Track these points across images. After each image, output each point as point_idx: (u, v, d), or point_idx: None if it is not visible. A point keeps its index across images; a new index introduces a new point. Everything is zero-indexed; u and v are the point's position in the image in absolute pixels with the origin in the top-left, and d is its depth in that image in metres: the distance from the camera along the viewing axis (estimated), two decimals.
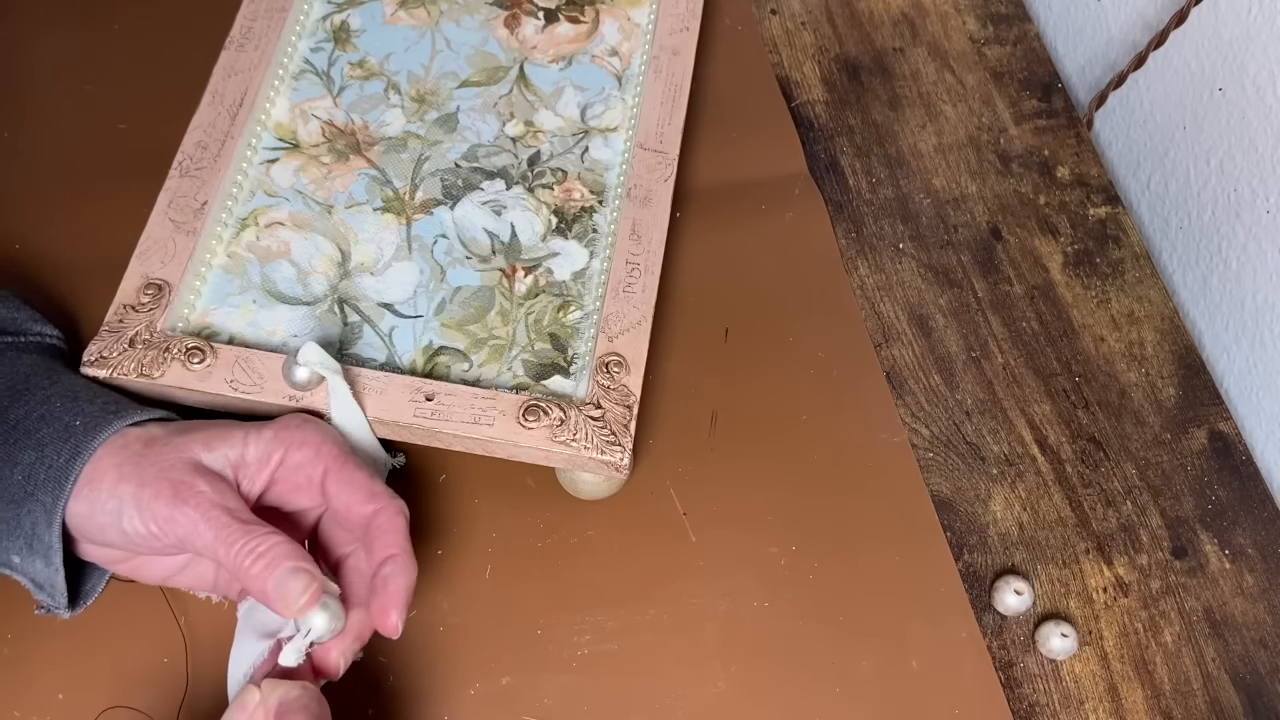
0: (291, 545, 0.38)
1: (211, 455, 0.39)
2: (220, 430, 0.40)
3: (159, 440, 0.39)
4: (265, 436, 0.40)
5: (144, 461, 0.38)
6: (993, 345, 0.56)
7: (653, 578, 0.47)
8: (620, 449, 0.44)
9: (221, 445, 0.39)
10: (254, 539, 0.37)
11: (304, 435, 0.41)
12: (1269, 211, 0.55)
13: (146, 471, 0.38)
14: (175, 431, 0.40)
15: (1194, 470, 0.53)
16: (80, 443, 0.38)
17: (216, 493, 0.38)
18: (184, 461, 0.38)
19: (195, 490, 0.38)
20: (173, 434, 0.40)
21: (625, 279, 0.49)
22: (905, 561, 0.49)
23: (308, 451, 0.40)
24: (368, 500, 0.40)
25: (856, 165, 0.60)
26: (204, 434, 0.40)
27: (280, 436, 0.40)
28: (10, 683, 0.43)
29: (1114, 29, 0.64)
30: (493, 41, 0.57)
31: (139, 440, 0.39)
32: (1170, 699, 0.48)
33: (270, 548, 0.37)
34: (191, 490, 0.38)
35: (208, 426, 0.40)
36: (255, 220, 0.50)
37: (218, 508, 0.37)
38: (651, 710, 0.45)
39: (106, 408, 0.40)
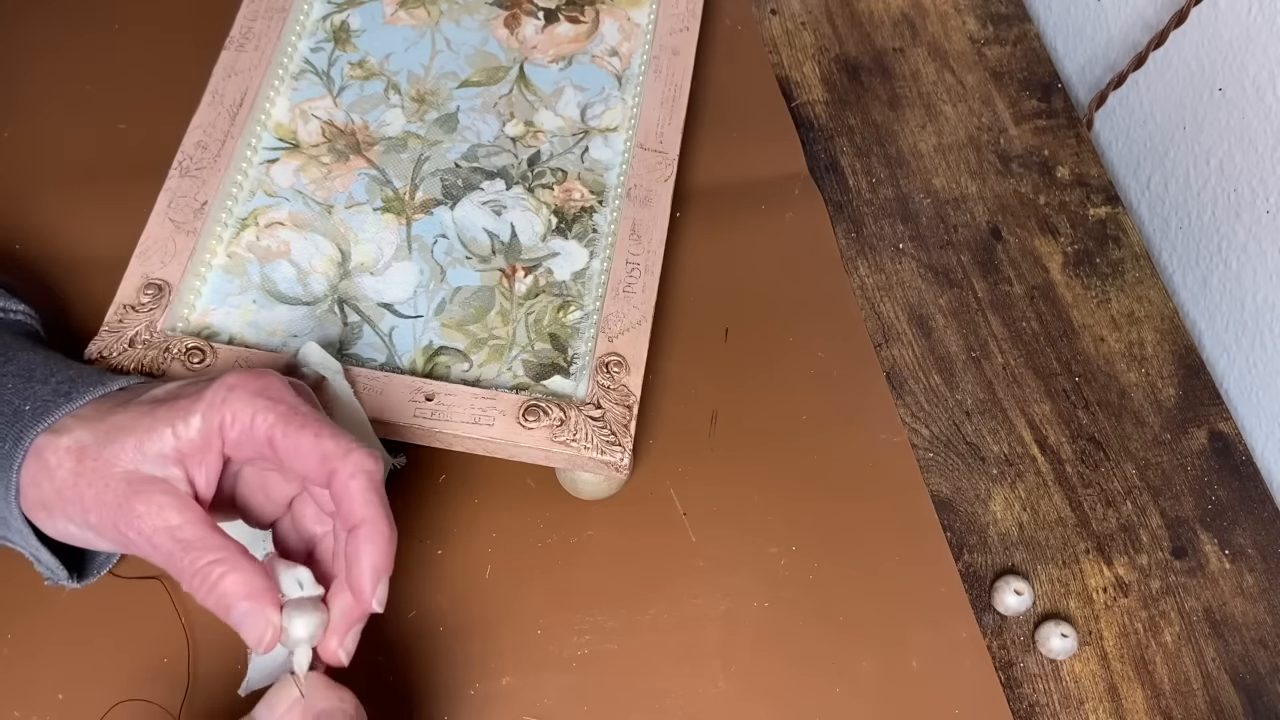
0: (241, 574, 0.35)
1: (146, 460, 0.36)
2: (148, 426, 0.36)
3: (89, 454, 0.36)
4: (193, 424, 0.36)
5: (79, 485, 0.36)
6: (993, 345, 0.56)
7: (653, 578, 0.47)
8: (620, 449, 0.44)
9: (153, 444, 0.36)
10: (202, 567, 0.35)
11: (232, 410, 0.36)
12: (1269, 211, 0.55)
13: (85, 501, 0.36)
14: (106, 437, 0.36)
15: (1194, 470, 0.53)
16: (24, 429, 0.36)
17: (156, 512, 0.35)
18: (117, 479, 0.36)
19: (134, 515, 0.35)
20: (103, 441, 0.36)
21: (625, 279, 0.49)
22: (905, 561, 0.49)
23: (240, 426, 0.36)
24: (320, 463, 0.36)
25: (856, 165, 0.60)
26: (134, 437, 0.36)
27: (208, 417, 0.36)
28: (10, 683, 0.43)
29: (1114, 29, 0.64)
30: (493, 41, 0.56)
31: (70, 456, 0.36)
32: (1170, 699, 0.48)
33: (220, 577, 0.35)
34: (130, 516, 0.35)
35: (136, 426, 0.36)
36: (255, 220, 0.50)
37: (161, 532, 0.35)
38: (651, 710, 0.45)
39: (59, 390, 0.38)
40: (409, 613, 0.46)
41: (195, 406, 0.36)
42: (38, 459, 0.36)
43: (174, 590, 0.45)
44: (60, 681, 0.43)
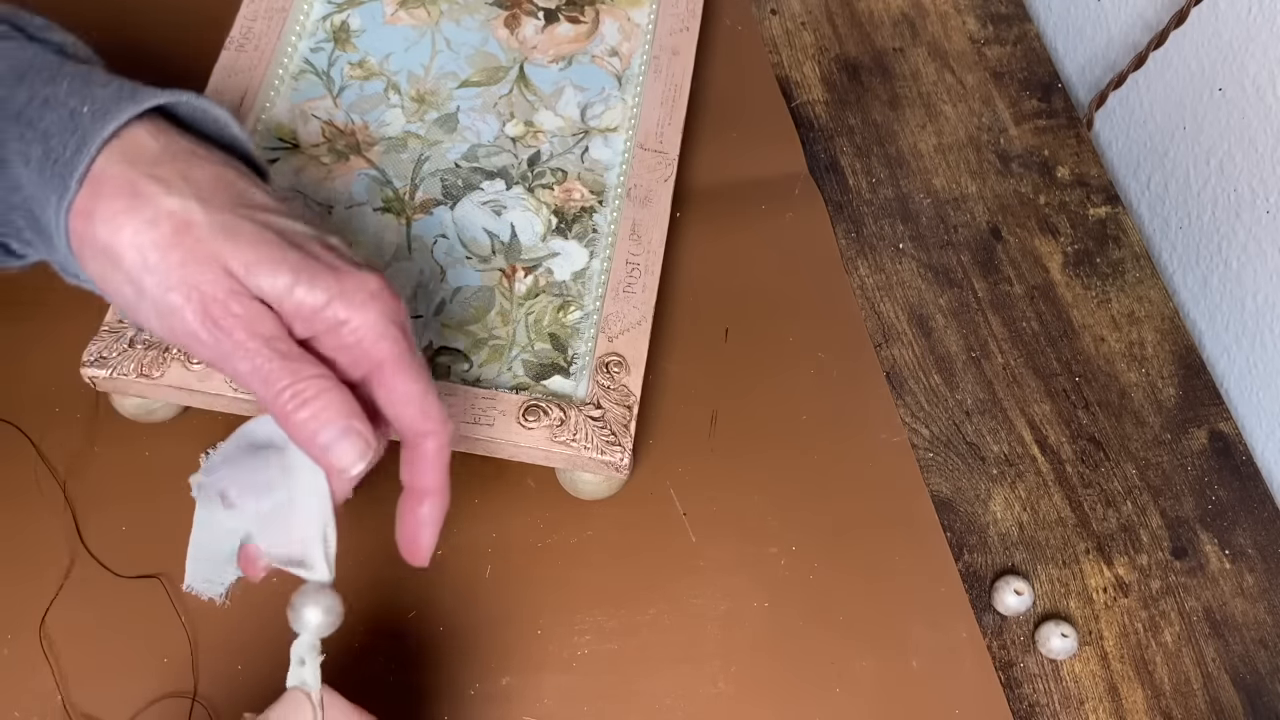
0: (341, 394, 0.33)
1: (249, 281, 0.33)
2: (268, 255, 0.33)
3: (194, 231, 0.32)
4: (316, 297, 0.33)
5: (169, 255, 0.32)
6: (993, 345, 0.56)
7: (653, 578, 0.47)
8: (620, 449, 0.44)
9: (266, 277, 0.33)
10: (300, 380, 0.32)
11: (363, 318, 0.33)
12: (1269, 211, 0.55)
13: (174, 271, 0.32)
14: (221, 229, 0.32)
15: (1194, 470, 0.53)
16: (86, 134, 0.33)
17: (256, 317, 0.32)
18: (219, 271, 0.32)
19: (231, 314, 0.32)
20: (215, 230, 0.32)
21: (625, 279, 0.49)
22: (905, 562, 0.49)
23: (358, 338, 0.34)
24: (418, 416, 0.34)
25: (856, 165, 0.60)
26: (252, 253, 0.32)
27: (334, 307, 0.33)
28: (10, 683, 0.43)
29: (1114, 29, 0.64)
30: (493, 41, 0.56)
31: (170, 221, 0.32)
32: (1170, 699, 0.48)
33: (318, 394, 0.32)
34: (228, 312, 0.32)
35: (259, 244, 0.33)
36: None
37: (256, 337, 0.32)
38: (651, 710, 0.45)
39: (121, 92, 0.34)
40: (409, 613, 0.46)
41: (328, 284, 0.33)
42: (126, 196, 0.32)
43: (174, 589, 0.45)
44: (60, 682, 0.43)
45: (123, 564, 0.45)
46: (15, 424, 0.48)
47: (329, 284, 0.33)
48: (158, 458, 0.48)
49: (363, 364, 0.34)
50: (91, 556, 0.45)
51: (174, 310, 0.32)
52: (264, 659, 0.44)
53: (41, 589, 0.45)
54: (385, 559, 0.46)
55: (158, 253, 0.32)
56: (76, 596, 0.45)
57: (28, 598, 0.44)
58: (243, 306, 0.32)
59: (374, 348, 0.34)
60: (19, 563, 0.45)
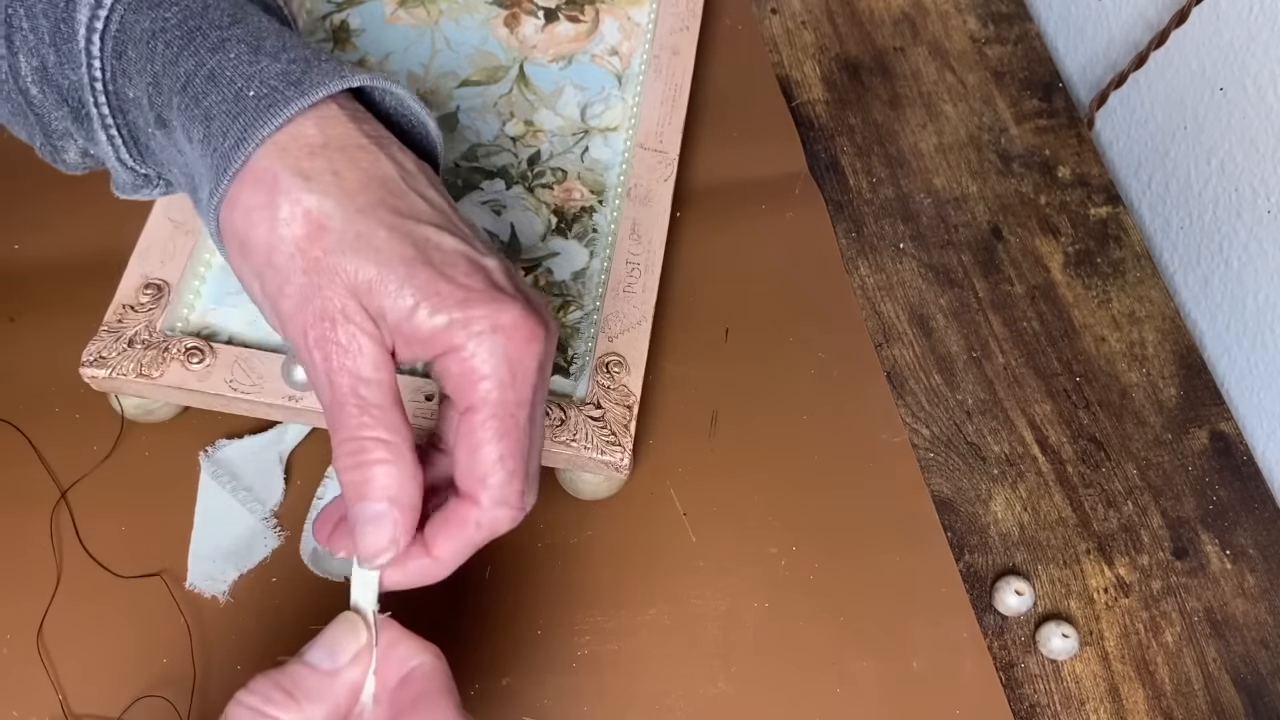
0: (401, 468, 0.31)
1: (370, 300, 0.31)
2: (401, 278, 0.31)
3: (325, 239, 0.30)
4: (436, 322, 0.31)
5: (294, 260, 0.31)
6: (993, 345, 0.55)
7: (653, 578, 0.47)
8: (620, 449, 0.44)
9: (384, 297, 0.31)
10: (365, 437, 0.30)
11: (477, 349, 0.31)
12: (1270, 211, 0.55)
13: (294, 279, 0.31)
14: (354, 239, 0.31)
15: (1195, 470, 0.53)
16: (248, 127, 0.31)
17: (355, 352, 0.31)
18: (338, 287, 0.30)
19: (331, 339, 0.30)
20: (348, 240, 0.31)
21: (625, 279, 0.49)
22: (906, 562, 0.49)
23: (470, 370, 0.31)
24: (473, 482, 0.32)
25: (857, 165, 0.60)
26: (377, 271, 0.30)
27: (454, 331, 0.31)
28: (10, 683, 0.43)
29: (1115, 28, 0.64)
30: (492, 41, 0.56)
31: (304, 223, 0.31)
32: (1171, 699, 0.48)
33: (377, 463, 0.31)
34: (327, 337, 0.31)
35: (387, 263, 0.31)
36: None
37: (346, 373, 0.31)
38: (651, 710, 0.45)
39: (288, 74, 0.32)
40: None
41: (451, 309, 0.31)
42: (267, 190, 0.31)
43: (174, 589, 0.45)
44: (59, 682, 0.43)
45: (122, 564, 0.45)
46: (15, 424, 0.48)
47: (451, 308, 0.31)
48: (157, 458, 0.48)
49: (461, 402, 0.32)
50: (90, 557, 0.45)
51: (285, 316, 0.31)
52: (264, 659, 0.44)
53: (40, 589, 0.45)
54: None
55: (284, 254, 0.31)
56: (75, 597, 0.45)
57: (27, 598, 0.44)
58: (347, 335, 0.31)
59: (472, 388, 0.31)
60: (18, 563, 0.45)
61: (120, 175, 0.37)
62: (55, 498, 0.46)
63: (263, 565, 0.46)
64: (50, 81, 0.35)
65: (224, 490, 0.47)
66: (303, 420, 0.46)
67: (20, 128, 0.38)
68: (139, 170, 0.37)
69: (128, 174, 0.37)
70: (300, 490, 0.48)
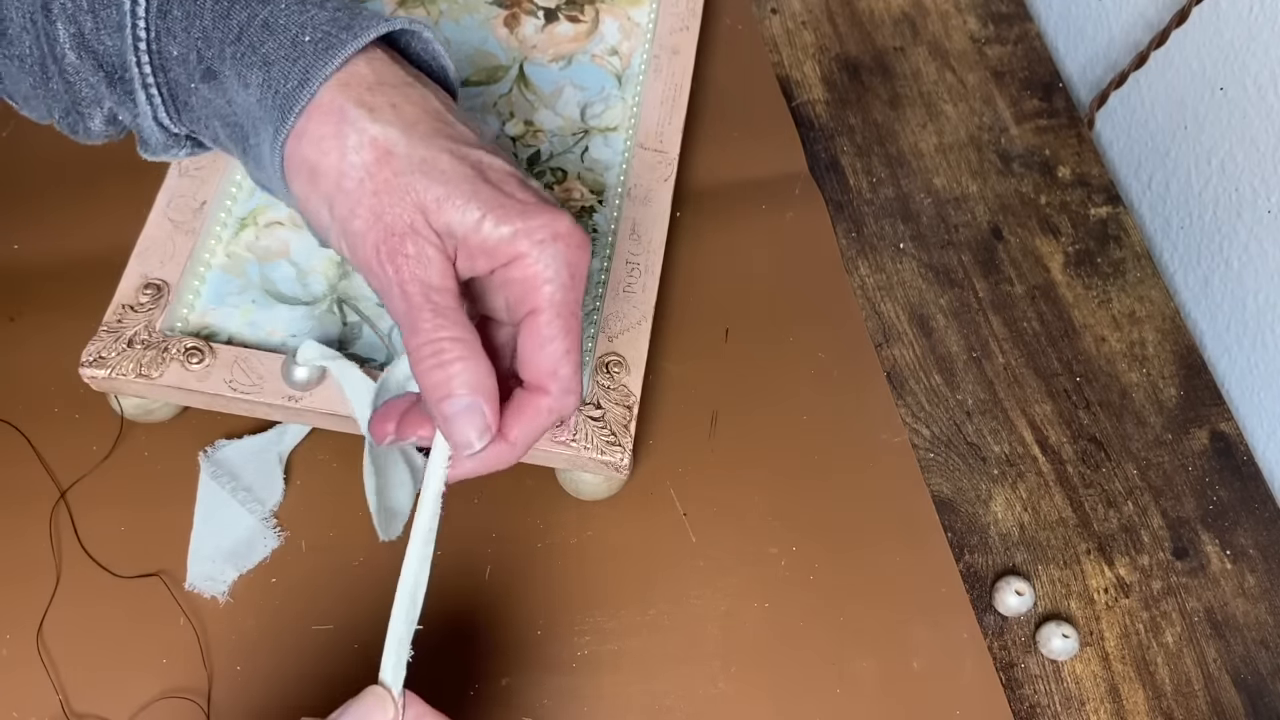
0: (478, 363, 0.34)
1: (438, 216, 0.34)
2: (460, 190, 0.34)
3: (393, 162, 0.33)
4: (501, 233, 0.34)
5: (363, 184, 0.33)
6: (994, 345, 0.55)
7: (653, 578, 0.47)
8: (620, 449, 0.44)
9: (453, 212, 0.33)
10: (441, 338, 0.33)
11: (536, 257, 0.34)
12: (1270, 211, 0.55)
13: (365, 200, 0.33)
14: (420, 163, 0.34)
15: (1195, 471, 0.53)
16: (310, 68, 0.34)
17: (424, 262, 0.33)
18: (408, 205, 0.33)
19: (401, 251, 0.33)
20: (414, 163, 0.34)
21: (625, 279, 0.49)
22: (906, 562, 0.49)
23: (531, 276, 0.34)
24: (544, 375, 0.35)
25: (857, 165, 0.60)
26: (444, 189, 0.33)
27: (517, 242, 0.34)
28: (9, 683, 0.43)
29: (1115, 28, 0.64)
30: (492, 41, 0.56)
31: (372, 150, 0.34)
32: (1171, 700, 0.48)
33: (458, 359, 0.33)
34: (397, 250, 0.33)
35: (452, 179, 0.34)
36: (254, 220, 0.49)
37: (417, 282, 0.33)
38: (651, 710, 0.45)
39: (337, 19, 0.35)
40: None
41: (514, 220, 0.34)
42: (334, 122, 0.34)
43: (174, 589, 0.45)
44: (60, 682, 0.43)
45: (121, 564, 0.45)
46: (15, 424, 0.48)
47: (515, 219, 0.34)
48: (157, 458, 0.48)
49: (523, 305, 0.35)
50: (90, 557, 0.45)
51: (356, 235, 0.34)
52: (264, 659, 0.44)
53: (40, 589, 0.45)
54: (384, 561, 0.46)
55: (354, 179, 0.33)
56: (75, 597, 0.45)
57: (27, 598, 0.44)
58: (416, 247, 0.33)
59: (537, 291, 0.34)
60: (18, 563, 0.45)
61: (154, 136, 0.38)
62: (55, 498, 0.46)
63: (263, 565, 0.46)
64: (87, 47, 0.36)
65: (224, 490, 0.47)
66: (303, 420, 0.46)
67: (40, 100, 0.39)
68: (172, 130, 0.38)
69: (161, 134, 0.38)
70: (300, 490, 0.48)
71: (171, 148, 0.39)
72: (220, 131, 0.37)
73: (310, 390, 0.44)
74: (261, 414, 0.45)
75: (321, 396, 0.44)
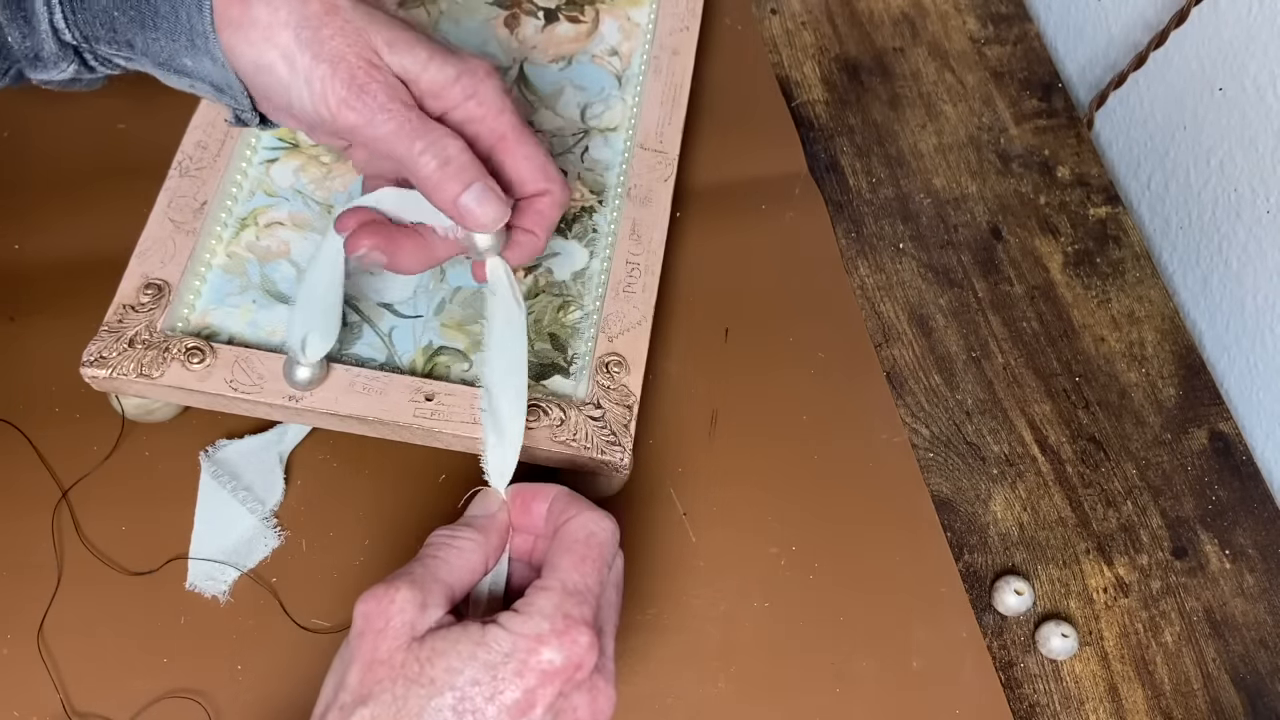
0: (474, 157, 0.38)
1: (391, 56, 0.38)
2: (404, 35, 0.38)
3: (342, 11, 0.37)
4: (448, 72, 0.38)
5: (323, 29, 0.37)
6: (993, 345, 0.56)
7: (653, 578, 0.47)
8: (620, 449, 0.44)
9: (404, 53, 0.38)
10: (438, 140, 0.37)
11: (487, 91, 0.39)
12: (1269, 211, 0.55)
13: (326, 44, 0.36)
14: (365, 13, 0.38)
15: (1194, 470, 0.53)
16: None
17: (394, 86, 0.37)
18: (365, 44, 0.37)
19: (376, 80, 0.37)
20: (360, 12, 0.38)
21: (625, 279, 0.49)
22: (905, 561, 0.49)
23: (484, 110, 0.39)
24: (540, 178, 0.40)
25: (857, 165, 0.60)
26: (391, 34, 0.38)
27: (463, 81, 0.38)
28: (9, 683, 0.43)
29: (1114, 29, 0.64)
30: (493, 41, 0.56)
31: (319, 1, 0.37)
32: (1171, 699, 0.48)
33: (457, 154, 0.37)
34: (372, 78, 0.37)
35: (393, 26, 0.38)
36: (255, 220, 0.49)
37: (397, 101, 0.37)
38: (651, 710, 0.45)
39: None
40: None
41: (455, 62, 0.38)
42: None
43: (174, 589, 0.45)
44: (60, 682, 0.43)
45: (122, 564, 0.45)
46: (15, 424, 0.48)
47: (456, 62, 0.38)
48: (158, 458, 0.48)
49: (487, 136, 0.40)
50: (92, 555, 0.45)
51: (324, 79, 0.37)
52: (264, 659, 0.44)
53: (41, 589, 0.45)
54: (384, 561, 0.46)
55: (309, 28, 0.36)
56: (76, 596, 0.45)
57: (27, 598, 0.44)
58: (384, 75, 0.37)
59: (498, 119, 0.39)
60: (18, 563, 0.45)
61: (48, 44, 0.38)
62: (56, 498, 0.46)
63: (263, 565, 0.46)
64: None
65: (224, 490, 0.47)
66: (303, 420, 0.46)
67: None
68: (64, 36, 0.38)
69: (54, 43, 0.38)
70: (300, 490, 0.48)
71: (60, 61, 0.39)
72: (121, 20, 0.38)
73: (311, 390, 0.44)
74: (262, 414, 0.45)
75: (322, 396, 0.44)
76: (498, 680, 0.33)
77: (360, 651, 0.33)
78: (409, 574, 0.35)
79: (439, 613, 0.34)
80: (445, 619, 0.34)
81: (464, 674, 0.33)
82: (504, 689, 0.33)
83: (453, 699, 0.32)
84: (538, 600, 0.34)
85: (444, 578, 0.35)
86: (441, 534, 0.37)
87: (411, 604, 0.34)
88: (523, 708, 0.33)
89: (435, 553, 0.36)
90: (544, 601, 0.34)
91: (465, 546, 0.37)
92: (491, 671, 0.33)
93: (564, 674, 0.33)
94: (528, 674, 0.33)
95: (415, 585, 0.34)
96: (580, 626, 0.34)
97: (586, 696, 0.34)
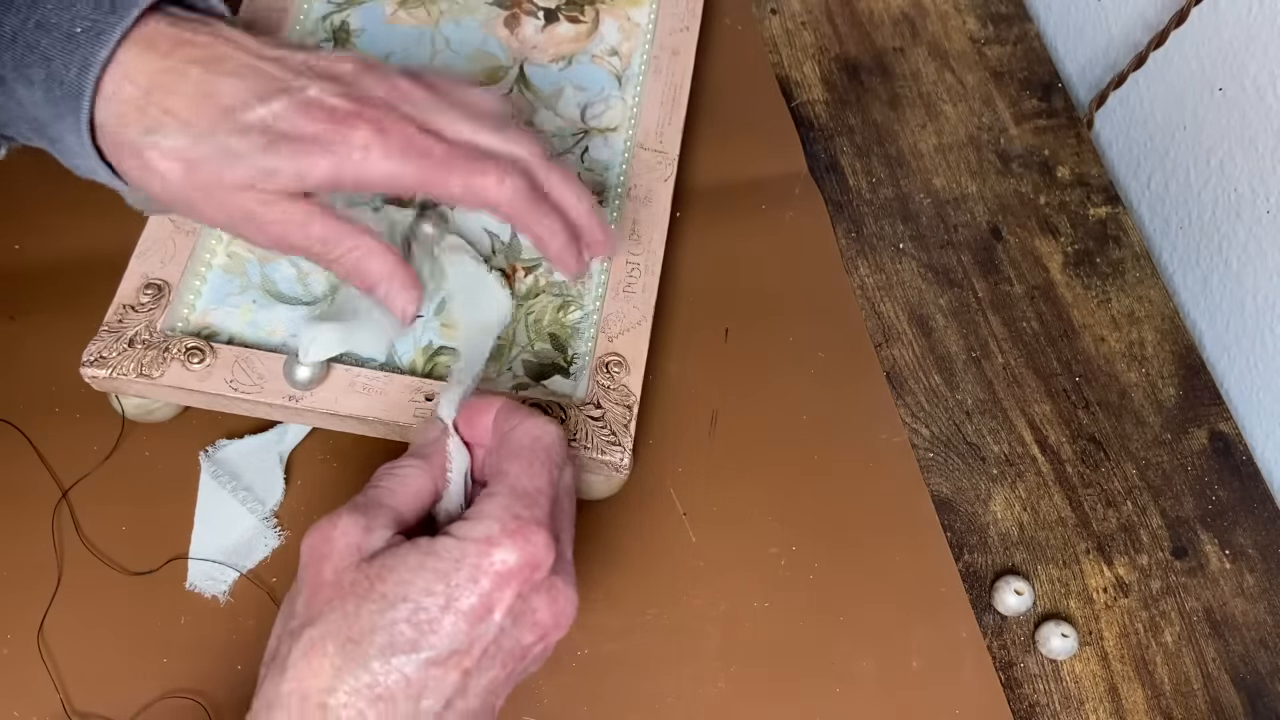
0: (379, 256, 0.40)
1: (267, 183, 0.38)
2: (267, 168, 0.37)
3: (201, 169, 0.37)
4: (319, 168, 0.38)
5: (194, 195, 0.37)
6: (993, 345, 0.56)
7: (653, 578, 0.47)
8: (620, 449, 0.44)
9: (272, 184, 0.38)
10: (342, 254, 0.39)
11: None
12: (1269, 211, 0.55)
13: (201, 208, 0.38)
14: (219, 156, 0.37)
15: (1194, 470, 0.53)
16: (88, 54, 0.36)
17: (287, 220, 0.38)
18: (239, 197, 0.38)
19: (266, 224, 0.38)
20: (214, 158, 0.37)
21: (625, 279, 0.49)
22: (905, 561, 0.49)
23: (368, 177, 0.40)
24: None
25: (856, 165, 0.60)
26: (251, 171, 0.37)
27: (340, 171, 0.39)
28: (10, 683, 0.43)
29: (1114, 29, 0.64)
30: (493, 41, 0.56)
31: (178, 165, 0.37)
32: (1170, 699, 0.48)
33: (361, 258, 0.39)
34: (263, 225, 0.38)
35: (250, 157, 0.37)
36: None
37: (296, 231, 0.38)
38: (651, 710, 0.45)
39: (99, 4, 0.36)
40: None
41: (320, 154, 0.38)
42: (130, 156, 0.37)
43: (174, 589, 0.45)
44: (60, 682, 0.43)
45: (123, 563, 0.45)
46: (15, 424, 0.48)
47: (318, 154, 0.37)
48: (158, 458, 0.48)
49: None
50: (92, 555, 0.45)
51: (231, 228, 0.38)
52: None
53: (41, 589, 0.45)
54: None
55: (183, 193, 0.37)
56: (76, 596, 0.45)
57: (27, 598, 0.44)
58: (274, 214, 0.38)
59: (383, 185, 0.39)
60: (18, 563, 0.45)
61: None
62: (56, 497, 0.46)
63: (263, 565, 0.46)
64: None
65: (224, 490, 0.47)
66: (303, 420, 0.46)
67: None
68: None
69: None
70: (300, 490, 0.48)
71: None
72: (25, 129, 0.39)
73: (311, 390, 0.44)
74: (262, 414, 0.45)
75: (322, 396, 0.44)
76: (451, 588, 0.32)
77: (307, 580, 0.33)
78: (351, 503, 0.35)
79: (386, 534, 0.34)
80: (395, 539, 0.34)
81: (415, 585, 0.32)
82: (458, 595, 0.32)
83: (406, 611, 0.32)
84: (485, 505, 0.34)
85: (388, 503, 0.35)
86: (384, 467, 0.37)
87: (355, 526, 0.33)
88: (480, 613, 0.32)
89: (378, 482, 0.36)
90: (491, 506, 0.34)
91: (407, 473, 0.36)
92: (444, 579, 0.32)
93: (520, 575, 0.33)
94: (481, 578, 0.32)
95: (357, 510, 0.34)
96: (532, 526, 0.33)
97: (545, 598, 0.34)
